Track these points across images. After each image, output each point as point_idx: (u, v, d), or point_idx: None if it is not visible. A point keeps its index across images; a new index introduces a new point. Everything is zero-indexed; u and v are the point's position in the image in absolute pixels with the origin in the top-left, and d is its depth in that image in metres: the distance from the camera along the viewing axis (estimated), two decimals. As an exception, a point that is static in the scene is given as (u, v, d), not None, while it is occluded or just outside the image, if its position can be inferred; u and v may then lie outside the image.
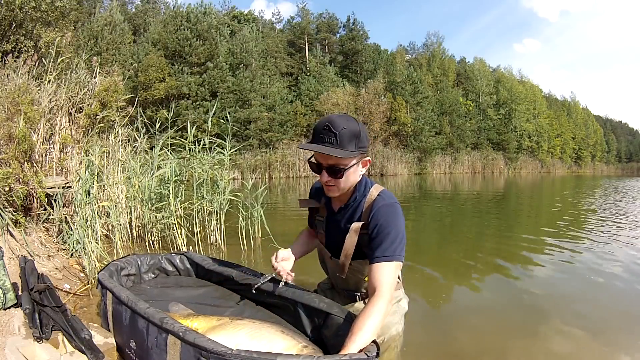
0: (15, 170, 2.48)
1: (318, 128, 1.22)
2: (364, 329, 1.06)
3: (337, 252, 1.38)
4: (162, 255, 1.90)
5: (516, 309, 2.22)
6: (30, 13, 5.17)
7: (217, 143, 3.89)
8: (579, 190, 13.01)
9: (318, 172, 1.27)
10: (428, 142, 29.11)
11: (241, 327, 1.15)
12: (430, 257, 3.62)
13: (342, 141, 1.18)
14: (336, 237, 1.38)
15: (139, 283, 1.81)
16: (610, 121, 67.60)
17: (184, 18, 25.00)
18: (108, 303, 1.42)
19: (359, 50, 34.09)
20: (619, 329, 1.95)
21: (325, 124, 1.19)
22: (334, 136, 1.18)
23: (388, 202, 1.27)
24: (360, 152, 1.24)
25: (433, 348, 1.72)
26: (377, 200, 1.29)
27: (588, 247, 3.80)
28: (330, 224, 1.43)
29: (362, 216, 1.30)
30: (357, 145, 1.21)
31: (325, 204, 1.45)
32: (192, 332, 1.05)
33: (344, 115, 1.23)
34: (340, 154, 1.17)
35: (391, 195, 1.32)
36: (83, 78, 3.45)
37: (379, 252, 1.21)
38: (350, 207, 1.34)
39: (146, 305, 1.23)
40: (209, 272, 1.79)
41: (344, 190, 1.29)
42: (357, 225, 1.29)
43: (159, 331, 1.11)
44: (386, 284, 1.17)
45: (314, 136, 1.23)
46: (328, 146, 1.18)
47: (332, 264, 1.47)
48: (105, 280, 1.49)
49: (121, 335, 1.35)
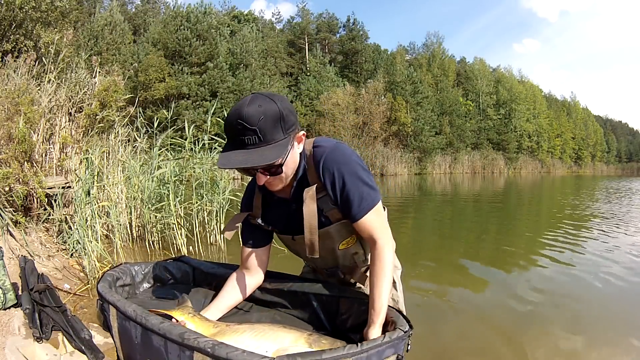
0: (15, 170, 2.47)
1: (230, 129, 0.95)
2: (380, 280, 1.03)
3: (300, 231, 1.18)
4: (157, 263, 1.75)
5: (516, 309, 2.22)
6: (30, 13, 5.17)
7: (217, 142, 3.89)
8: (578, 190, 13.01)
9: (251, 175, 1.08)
10: (428, 142, 29.12)
11: (242, 330, 1.12)
12: (430, 257, 3.62)
13: (265, 135, 0.93)
14: (295, 220, 1.17)
15: (134, 294, 1.68)
16: (610, 121, 67.65)
17: (184, 18, 25.01)
18: (112, 319, 1.29)
19: (359, 50, 34.11)
20: (619, 329, 1.95)
21: (237, 121, 0.93)
22: (253, 133, 0.93)
23: (329, 148, 1.07)
24: (291, 134, 0.99)
25: (432, 348, 1.72)
26: (316, 153, 1.08)
27: (588, 247, 3.80)
28: (285, 212, 1.20)
29: (311, 179, 1.10)
30: (284, 129, 0.96)
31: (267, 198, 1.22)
32: (223, 345, 0.96)
33: (256, 98, 0.96)
34: (271, 155, 0.94)
35: (328, 139, 1.13)
36: (83, 78, 3.45)
37: (355, 210, 1.06)
38: (301, 179, 1.12)
39: (160, 320, 1.12)
40: (208, 276, 1.70)
41: (289, 178, 1.08)
42: (311, 191, 1.07)
43: (180, 349, 1.02)
44: (380, 229, 1.08)
45: (229, 140, 0.97)
46: (252, 149, 0.94)
47: (296, 245, 1.27)
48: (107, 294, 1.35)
49: (133, 354, 1.23)
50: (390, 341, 0.90)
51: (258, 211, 1.23)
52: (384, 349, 0.90)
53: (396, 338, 0.91)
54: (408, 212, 7.19)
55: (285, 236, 1.27)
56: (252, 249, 1.26)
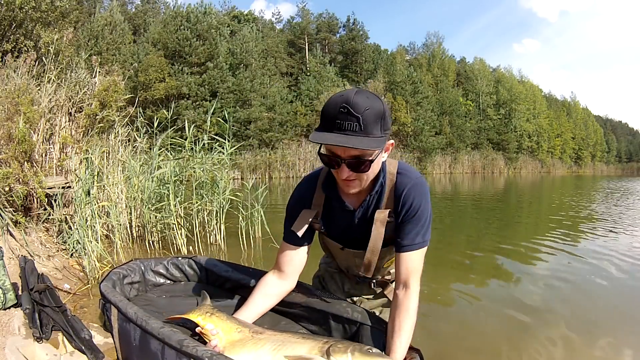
0: (15, 170, 2.48)
1: (332, 112, 0.94)
2: (404, 328, 1.04)
3: (354, 244, 1.21)
4: (168, 260, 1.72)
5: (515, 309, 2.22)
6: (30, 13, 5.17)
7: (217, 142, 3.89)
8: (578, 190, 13.01)
9: (334, 166, 1.02)
10: (428, 142, 29.12)
11: (263, 343, 1.07)
12: (430, 257, 3.61)
13: (366, 126, 0.92)
14: (358, 231, 1.18)
15: (144, 292, 1.60)
16: (610, 121, 67.64)
17: (184, 18, 25.00)
18: (113, 319, 1.28)
19: (359, 50, 34.09)
20: (618, 330, 1.95)
21: (342, 105, 0.92)
22: (355, 120, 0.91)
23: (415, 181, 1.10)
24: (386, 135, 0.99)
25: (431, 348, 1.72)
26: (400, 180, 1.10)
27: (587, 247, 3.80)
28: (346, 222, 1.19)
29: (386, 200, 1.12)
30: (383, 128, 0.96)
31: (330, 202, 1.19)
32: (221, 356, 0.96)
33: (363, 91, 0.96)
34: (369, 144, 0.93)
35: (412, 169, 1.15)
36: (83, 78, 3.45)
37: (408, 241, 1.09)
38: (375, 194, 1.13)
39: (160, 324, 1.10)
40: (222, 278, 1.62)
41: (367, 182, 1.06)
42: (384, 215, 1.10)
43: (177, 355, 1.01)
44: (417, 273, 1.10)
45: (328, 122, 0.95)
46: (351, 135, 0.92)
47: (342, 254, 1.28)
48: (109, 293, 1.33)
49: (131, 356, 1.22)
50: None
51: (319, 209, 1.19)
52: None
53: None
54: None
55: (334, 243, 1.26)
56: (293, 246, 1.21)
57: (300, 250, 1.22)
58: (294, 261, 1.22)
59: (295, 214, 1.19)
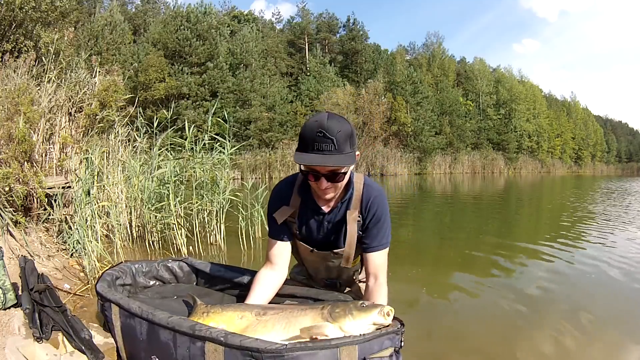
0: (15, 170, 2.47)
1: (310, 135, 1.14)
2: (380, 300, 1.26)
3: (322, 246, 1.39)
4: (159, 262, 1.75)
5: (515, 309, 2.22)
6: (30, 13, 5.17)
7: (218, 142, 3.89)
8: (578, 191, 13.01)
9: (314, 179, 1.22)
10: (428, 142, 29.11)
11: (272, 323, 1.12)
12: (430, 258, 3.62)
13: (339, 145, 1.13)
14: (330, 233, 1.38)
15: (135, 293, 1.62)
16: (610, 121, 67.57)
17: (184, 18, 25.01)
18: (114, 318, 1.29)
19: (359, 50, 34.09)
20: (618, 330, 1.95)
21: (318, 130, 1.12)
22: (331, 142, 1.12)
23: (377, 192, 1.34)
24: (355, 150, 1.22)
25: (431, 348, 1.72)
26: (367, 190, 1.33)
27: (587, 248, 3.80)
28: (319, 223, 1.38)
29: (354, 205, 1.33)
30: (352, 145, 1.18)
31: (305, 205, 1.37)
32: (235, 335, 0.99)
33: (333, 116, 1.17)
34: (344, 160, 1.14)
35: (374, 183, 1.39)
36: (83, 78, 3.45)
37: (375, 242, 1.33)
38: (346, 201, 1.34)
39: (167, 314, 1.12)
40: (212, 278, 1.66)
41: (340, 190, 1.29)
42: (355, 215, 1.32)
43: (191, 340, 1.03)
44: (383, 268, 1.35)
45: (307, 144, 1.15)
46: (327, 154, 1.13)
47: (311, 257, 1.44)
48: (107, 293, 1.34)
49: (137, 352, 1.22)
50: (387, 333, 1.04)
51: (296, 212, 1.38)
52: (383, 340, 1.03)
53: (392, 331, 1.05)
54: (408, 212, 7.19)
55: (305, 246, 1.43)
56: (281, 242, 1.40)
57: (286, 244, 1.41)
58: (283, 254, 1.40)
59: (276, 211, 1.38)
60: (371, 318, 1.05)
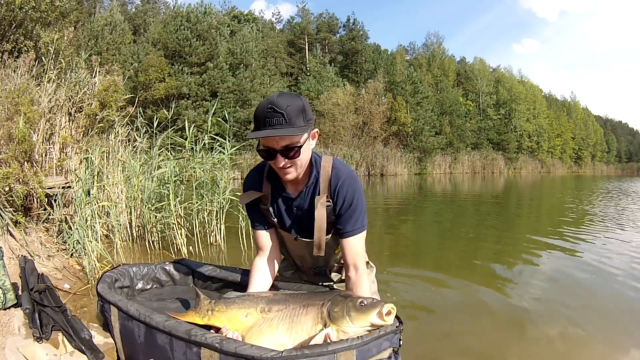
0: (15, 170, 2.47)
1: (261, 113, 1.14)
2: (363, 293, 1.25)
3: (304, 233, 1.36)
4: (156, 265, 1.77)
5: (515, 309, 2.22)
6: (30, 13, 5.17)
7: (218, 142, 3.89)
8: (578, 191, 13.01)
9: (271, 158, 1.21)
10: (428, 142, 29.10)
11: (277, 323, 1.10)
12: (430, 258, 3.62)
13: (290, 119, 1.12)
14: (302, 219, 1.35)
15: (132, 295, 1.64)
16: (610, 121, 67.58)
17: (184, 18, 25.00)
18: (113, 319, 1.30)
19: (359, 50, 34.09)
20: (618, 330, 1.95)
21: (268, 106, 1.12)
22: (281, 116, 1.11)
23: (346, 175, 1.28)
24: (309, 125, 1.20)
25: (430, 348, 1.72)
26: (335, 173, 1.29)
27: (587, 248, 3.80)
28: (289, 209, 1.36)
29: (322, 190, 1.29)
30: (305, 119, 1.17)
31: (275, 191, 1.36)
32: (231, 340, 0.99)
33: (284, 93, 1.18)
34: (294, 132, 1.13)
35: (345, 165, 1.33)
36: (83, 78, 3.45)
37: (349, 227, 1.28)
38: (312, 185, 1.31)
39: (164, 318, 1.12)
40: (208, 278, 1.68)
41: (302, 169, 1.25)
42: (323, 199, 1.28)
43: (187, 345, 1.03)
44: (361, 254, 1.31)
45: (260, 122, 1.15)
46: (278, 128, 1.12)
47: (296, 245, 1.42)
48: (107, 294, 1.35)
49: (136, 354, 1.22)
50: (385, 334, 1.01)
51: (268, 198, 1.36)
52: (381, 342, 1.00)
53: (390, 332, 1.02)
54: (407, 212, 7.20)
55: (288, 234, 1.40)
56: (265, 230, 1.40)
57: (270, 231, 1.41)
58: (271, 241, 1.41)
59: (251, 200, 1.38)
60: (370, 319, 1.02)
